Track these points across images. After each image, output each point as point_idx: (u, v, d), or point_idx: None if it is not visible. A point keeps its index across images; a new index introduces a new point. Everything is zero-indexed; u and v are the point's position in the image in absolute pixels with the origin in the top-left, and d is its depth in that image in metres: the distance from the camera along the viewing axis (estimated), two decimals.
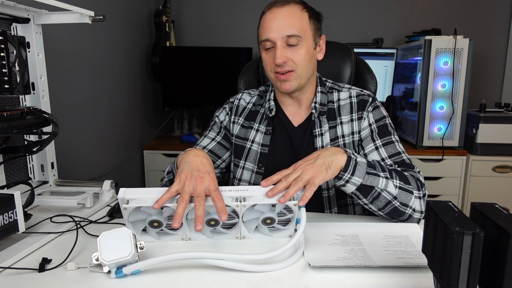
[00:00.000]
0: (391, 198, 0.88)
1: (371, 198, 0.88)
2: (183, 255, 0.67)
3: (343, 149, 0.87)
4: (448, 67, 2.09)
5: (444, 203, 0.54)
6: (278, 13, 0.99)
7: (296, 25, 0.98)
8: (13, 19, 1.00)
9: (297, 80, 1.02)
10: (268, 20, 1.00)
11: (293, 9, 0.99)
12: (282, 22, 0.98)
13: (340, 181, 0.86)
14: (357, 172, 0.85)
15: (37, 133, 0.93)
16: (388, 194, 0.88)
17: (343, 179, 0.85)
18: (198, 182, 0.77)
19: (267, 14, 1.01)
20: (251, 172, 1.11)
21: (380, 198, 0.88)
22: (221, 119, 1.17)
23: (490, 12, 2.57)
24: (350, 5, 2.66)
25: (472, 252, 0.46)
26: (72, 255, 0.74)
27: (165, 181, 1.07)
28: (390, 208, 0.89)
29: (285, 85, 1.02)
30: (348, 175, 0.85)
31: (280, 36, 0.97)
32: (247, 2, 2.71)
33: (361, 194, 0.88)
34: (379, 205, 0.89)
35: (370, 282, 0.65)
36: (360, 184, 0.86)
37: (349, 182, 0.86)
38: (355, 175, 0.85)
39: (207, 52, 2.50)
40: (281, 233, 0.83)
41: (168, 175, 1.05)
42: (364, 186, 0.86)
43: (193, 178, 0.78)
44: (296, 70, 1.00)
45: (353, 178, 0.85)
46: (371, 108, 1.07)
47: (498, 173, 2.17)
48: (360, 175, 0.86)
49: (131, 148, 2.27)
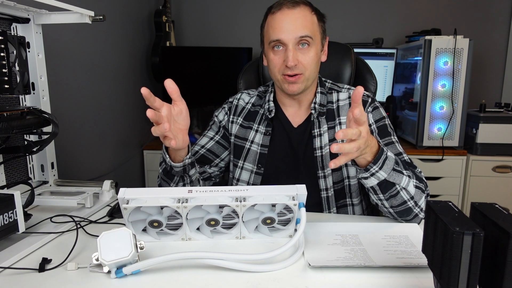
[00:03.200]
0: (408, 198, 0.87)
1: (389, 195, 0.86)
2: (183, 255, 0.67)
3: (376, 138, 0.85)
4: (448, 67, 2.09)
5: (444, 203, 0.54)
6: (290, 14, 0.97)
7: (309, 27, 0.98)
8: (13, 19, 1.00)
9: (304, 82, 1.01)
10: (279, 21, 0.98)
11: (304, 11, 0.98)
12: (294, 23, 0.97)
13: (365, 173, 0.84)
14: (385, 166, 0.83)
15: (37, 133, 0.93)
16: (407, 193, 0.87)
17: (370, 172, 0.83)
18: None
19: (277, 14, 0.99)
20: (250, 172, 1.11)
21: (398, 197, 0.87)
22: (220, 118, 1.17)
23: (490, 12, 2.57)
24: (350, 5, 2.66)
25: (472, 252, 0.46)
26: (72, 255, 0.74)
27: (160, 172, 1.03)
28: (404, 208, 0.88)
29: (293, 87, 1.01)
30: (377, 168, 0.83)
31: (292, 37, 0.96)
32: (247, 2, 2.71)
33: (380, 190, 0.86)
34: (393, 203, 0.88)
35: (370, 282, 0.65)
36: (383, 179, 0.84)
37: (374, 175, 0.83)
38: (382, 169, 0.83)
39: (207, 52, 2.50)
40: (281, 233, 0.83)
41: (161, 166, 1.01)
42: (386, 182, 0.84)
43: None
44: (305, 73, 1.00)
45: (379, 172, 0.83)
46: (370, 108, 1.07)
47: (498, 173, 2.17)
48: (386, 170, 0.83)
49: (131, 148, 2.27)
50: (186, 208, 0.75)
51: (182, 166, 0.93)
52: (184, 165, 0.93)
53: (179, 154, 0.92)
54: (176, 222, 0.80)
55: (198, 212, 0.77)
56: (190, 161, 0.94)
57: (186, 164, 0.93)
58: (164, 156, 0.94)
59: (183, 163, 0.93)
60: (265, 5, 1.06)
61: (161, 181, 1.04)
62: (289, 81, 1.00)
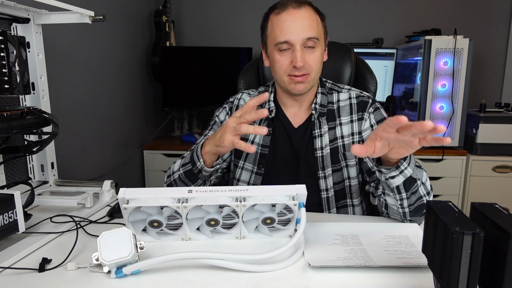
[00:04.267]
0: (424, 193, 0.87)
1: (411, 192, 0.86)
2: (183, 255, 0.67)
3: None
4: (448, 67, 2.09)
5: (444, 203, 0.54)
6: (297, 15, 0.96)
7: (315, 28, 0.97)
8: (13, 19, 1.00)
9: (311, 82, 1.02)
10: (285, 22, 0.97)
11: (308, 11, 0.98)
12: (301, 24, 0.96)
13: (395, 171, 0.82)
14: (411, 163, 0.82)
15: (37, 133, 0.93)
16: (424, 188, 0.86)
17: (400, 169, 0.81)
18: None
19: (283, 14, 0.98)
20: (250, 172, 1.11)
21: (417, 193, 0.86)
22: (221, 118, 1.17)
23: (490, 12, 2.57)
24: (350, 5, 2.66)
25: (472, 252, 0.46)
26: (72, 255, 0.74)
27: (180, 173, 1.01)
28: (419, 204, 0.87)
29: (300, 86, 1.01)
30: (406, 164, 0.81)
31: (300, 38, 0.96)
32: (247, 2, 2.71)
33: (404, 188, 0.85)
34: (412, 200, 0.87)
35: (370, 282, 0.65)
36: (409, 176, 0.83)
37: (402, 173, 0.82)
38: (409, 166, 0.82)
39: (207, 52, 2.50)
40: (281, 233, 0.83)
41: (184, 167, 1.00)
42: (410, 178, 0.84)
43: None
44: (311, 73, 1.00)
45: (407, 168, 0.82)
46: (372, 109, 1.08)
47: (498, 173, 2.17)
48: (412, 166, 0.83)
49: (131, 148, 2.27)
50: (186, 208, 0.75)
51: (214, 170, 0.97)
52: (215, 170, 0.97)
53: (212, 159, 0.95)
54: (176, 222, 0.80)
55: (198, 212, 0.77)
56: (219, 166, 0.98)
57: (217, 170, 0.98)
58: (195, 158, 0.95)
59: (214, 168, 0.96)
60: (265, 5, 1.06)
61: (176, 182, 1.03)
62: (296, 80, 1.00)
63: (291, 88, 1.02)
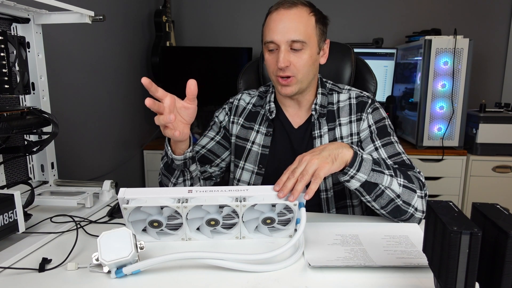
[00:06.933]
0: (394, 196, 0.88)
1: (375, 195, 0.88)
2: (183, 255, 0.67)
3: (349, 145, 0.87)
4: (448, 67, 2.09)
5: (444, 203, 0.54)
6: (285, 15, 0.96)
7: (302, 30, 0.96)
8: (13, 19, 1.00)
9: (298, 85, 1.01)
10: (274, 22, 0.97)
11: (300, 12, 0.97)
12: (288, 25, 0.95)
13: (345, 177, 0.86)
14: (363, 168, 0.85)
15: (37, 133, 0.93)
16: (392, 192, 0.88)
17: (348, 175, 0.85)
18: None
19: (273, 14, 0.98)
20: (251, 173, 1.11)
21: (384, 196, 0.88)
22: (220, 119, 1.17)
23: (490, 12, 2.57)
24: (350, 5, 2.66)
25: (470, 251, 0.46)
26: (72, 255, 0.74)
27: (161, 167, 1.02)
28: (393, 206, 0.89)
29: (286, 89, 1.01)
30: (354, 170, 0.84)
31: (284, 40, 0.96)
32: (247, 2, 2.71)
33: (365, 191, 0.87)
34: (382, 203, 0.89)
35: (370, 282, 0.65)
36: (365, 181, 0.86)
37: (354, 178, 0.85)
38: (360, 171, 0.85)
39: (207, 52, 2.50)
40: (281, 233, 0.83)
41: (162, 160, 1.01)
42: (368, 183, 0.86)
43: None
44: (297, 75, 0.99)
45: (358, 174, 0.85)
46: (370, 109, 1.07)
47: (498, 173, 2.17)
48: (365, 172, 0.85)
49: (131, 148, 2.27)
50: (186, 208, 0.75)
51: (183, 159, 0.94)
52: (185, 159, 0.95)
53: (180, 147, 0.93)
54: (176, 222, 0.80)
55: (198, 212, 0.77)
56: (191, 154, 0.95)
57: (187, 158, 0.95)
58: (166, 149, 0.95)
59: (184, 156, 0.94)
60: (265, 5, 1.06)
61: (161, 177, 1.04)
62: (282, 83, 1.01)
63: (279, 90, 1.03)
